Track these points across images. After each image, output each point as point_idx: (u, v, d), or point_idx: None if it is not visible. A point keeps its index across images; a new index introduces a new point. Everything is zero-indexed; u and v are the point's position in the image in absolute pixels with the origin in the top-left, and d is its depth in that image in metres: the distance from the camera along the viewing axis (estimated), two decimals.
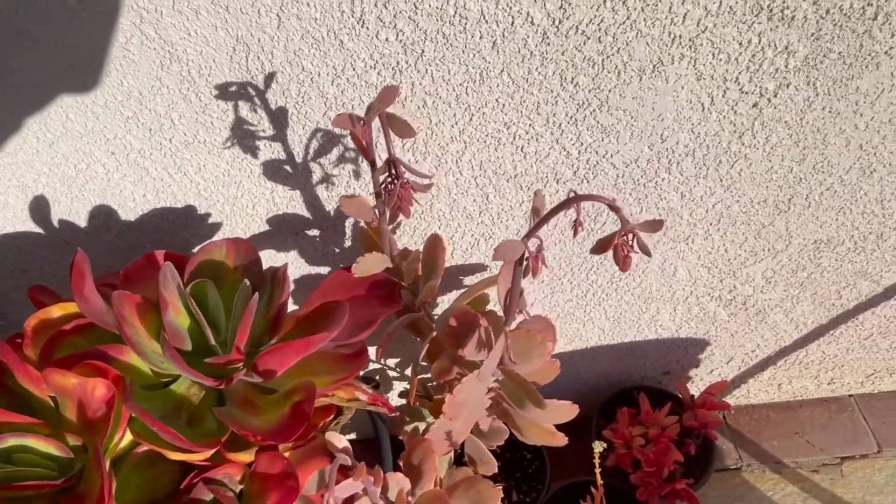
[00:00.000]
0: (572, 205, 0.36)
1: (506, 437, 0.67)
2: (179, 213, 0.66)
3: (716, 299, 0.82)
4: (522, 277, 0.40)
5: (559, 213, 0.37)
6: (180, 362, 0.43)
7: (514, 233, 0.71)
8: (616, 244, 0.36)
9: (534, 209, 0.39)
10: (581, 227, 0.38)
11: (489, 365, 0.49)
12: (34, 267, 0.71)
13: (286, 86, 0.56)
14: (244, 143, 0.60)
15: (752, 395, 1.03)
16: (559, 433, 0.63)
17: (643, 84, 0.57)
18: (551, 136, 0.61)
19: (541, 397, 0.49)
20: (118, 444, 0.44)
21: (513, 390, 0.53)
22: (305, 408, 0.46)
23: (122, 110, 0.57)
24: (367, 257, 0.54)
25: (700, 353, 0.92)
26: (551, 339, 0.58)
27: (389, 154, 0.39)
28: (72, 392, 0.43)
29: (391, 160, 0.39)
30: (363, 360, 0.53)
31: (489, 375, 0.50)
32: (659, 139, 0.62)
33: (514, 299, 0.44)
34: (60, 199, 0.64)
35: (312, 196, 0.66)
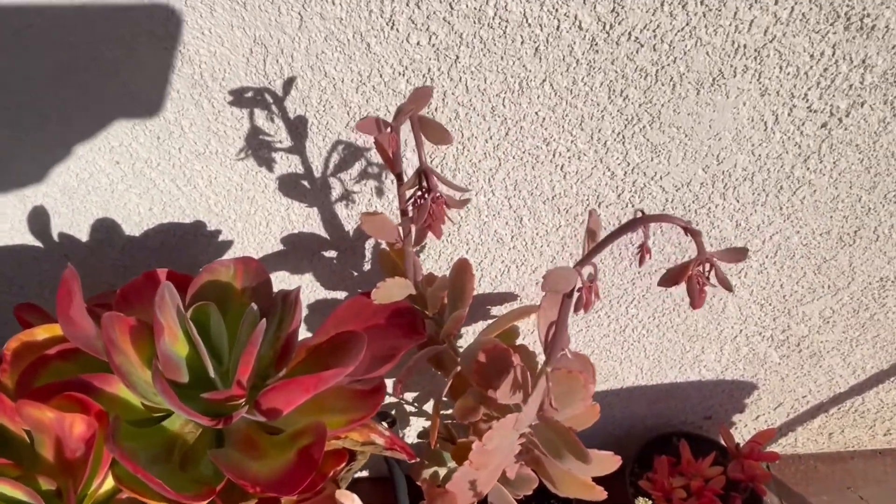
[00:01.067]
0: (638, 227, 0.30)
1: (535, 486, 0.61)
2: (188, 228, 0.61)
3: (767, 339, 0.75)
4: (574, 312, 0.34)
5: (621, 236, 0.32)
6: (172, 397, 0.37)
7: (548, 260, 0.65)
8: (690, 275, 0.30)
9: (588, 231, 0.34)
10: (649, 254, 0.32)
11: (528, 412, 0.42)
12: (33, 282, 0.67)
13: (306, 93, 0.51)
14: (259, 154, 0.56)
15: (800, 444, 0.95)
16: (598, 487, 0.56)
17: (700, 99, 0.51)
18: (595, 155, 0.55)
19: (584, 449, 0.43)
20: (98, 489, 0.38)
21: (549, 438, 0.47)
22: (314, 453, 0.39)
23: (129, 115, 0.53)
24: (388, 282, 0.49)
25: (746, 398, 0.84)
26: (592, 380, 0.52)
27: (421, 163, 0.34)
28: (48, 427, 0.38)
29: (423, 170, 0.34)
30: (380, 399, 0.47)
31: (527, 423, 0.43)
32: (715, 161, 0.56)
33: (560, 336, 0.38)
34: (61, 210, 0.60)
35: (331, 214, 0.60)
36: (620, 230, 0.31)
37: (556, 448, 0.47)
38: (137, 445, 0.40)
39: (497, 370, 0.52)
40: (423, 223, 0.34)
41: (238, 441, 0.44)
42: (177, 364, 0.42)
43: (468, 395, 0.57)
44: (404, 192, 0.43)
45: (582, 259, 0.33)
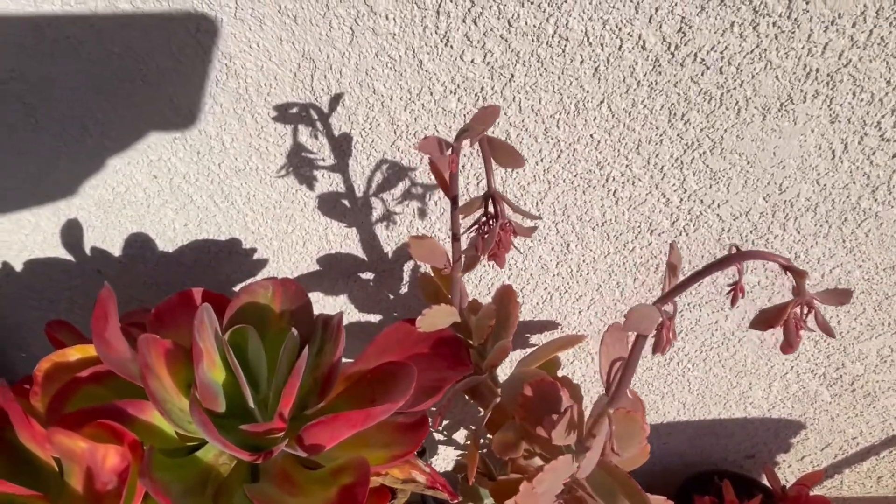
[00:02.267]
0: (733, 263, 0.28)
1: None
2: (223, 246, 0.60)
3: (819, 377, 0.71)
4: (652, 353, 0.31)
5: (712, 273, 0.29)
6: (212, 431, 0.35)
7: (594, 288, 0.62)
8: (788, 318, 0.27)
9: (669, 266, 0.31)
10: (742, 294, 0.29)
11: (591, 457, 0.39)
12: (63, 297, 0.65)
13: (353, 109, 0.49)
14: (300, 172, 0.54)
15: (846, 486, 0.90)
16: None
17: (766, 124, 0.49)
18: (650, 180, 0.53)
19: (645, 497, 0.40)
20: None
21: (605, 483, 0.44)
22: (357, 493, 0.37)
23: (170, 129, 0.51)
24: (433, 310, 0.46)
25: (792, 437, 0.80)
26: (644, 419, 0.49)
27: (490, 188, 0.31)
28: (80, 457, 0.36)
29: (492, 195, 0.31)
30: (424, 433, 0.44)
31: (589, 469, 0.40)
32: (777, 189, 0.53)
33: (628, 376, 0.35)
34: (95, 224, 0.58)
35: (370, 235, 0.58)
36: (713, 266, 0.29)
37: (611, 494, 0.44)
38: (170, 477, 0.37)
39: (545, 406, 0.49)
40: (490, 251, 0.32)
41: (274, 475, 0.42)
42: (215, 393, 0.39)
43: (508, 430, 0.54)
44: (458, 216, 0.40)
45: (663, 296, 0.30)
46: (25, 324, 0.68)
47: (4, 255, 0.61)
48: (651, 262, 0.59)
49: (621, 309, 0.64)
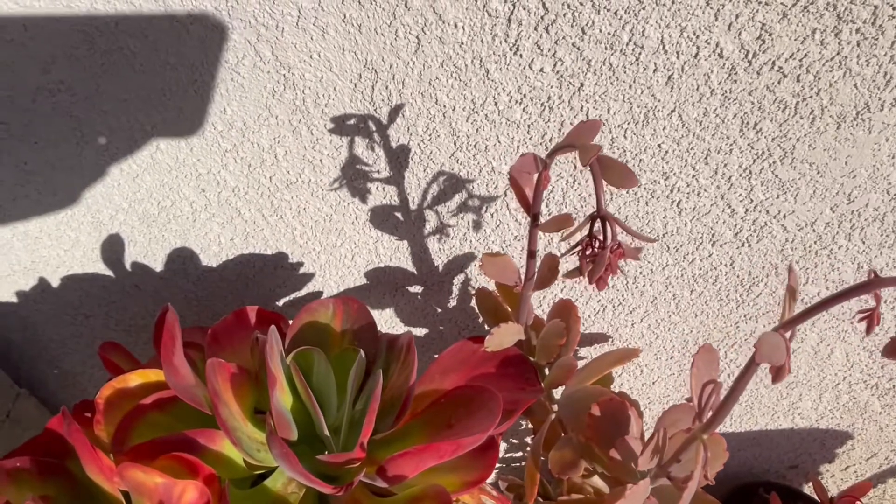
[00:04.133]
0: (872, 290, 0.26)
1: None
2: (268, 260, 0.58)
3: (871, 388, 0.69)
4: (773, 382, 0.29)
5: (845, 300, 0.27)
6: (295, 464, 0.33)
7: (649, 300, 0.60)
8: None
9: (789, 289, 0.29)
10: (878, 322, 0.27)
11: (692, 487, 0.38)
12: (99, 313, 0.63)
13: (413, 121, 0.48)
14: (354, 184, 0.52)
15: (888, 497, 0.88)
16: None
17: (840, 134, 0.47)
18: (717, 191, 0.51)
19: None
20: None
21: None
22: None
23: (221, 142, 0.49)
24: (502, 328, 0.45)
25: (838, 447, 0.79)
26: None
27: (600, 209, 0.30)
28: (152, 492, 0.34)
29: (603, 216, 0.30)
30: (495, 457, 0.43)
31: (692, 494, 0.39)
32: (845, 199, 0.51)
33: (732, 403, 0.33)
34: (137, 238, 0.57)
35: (421, 248, 0.57)
36: (848, 293, 0.27)
37: None
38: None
39: (614, 427, 0.48)
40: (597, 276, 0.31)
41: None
42: (288, 420, 0.38)
43: (564, 446, 0.53)
44: (536, 233, 0.39)
45: (785, 322, 0.29)
46: (60, 339, 0.66)
47: (42, 271, 0.59)
48: (710, 274, 0.57)
49: (675, 321, 0.62)
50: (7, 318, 0.63)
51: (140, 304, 0.62)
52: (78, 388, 0.72)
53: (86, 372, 0.70)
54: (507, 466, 0.83)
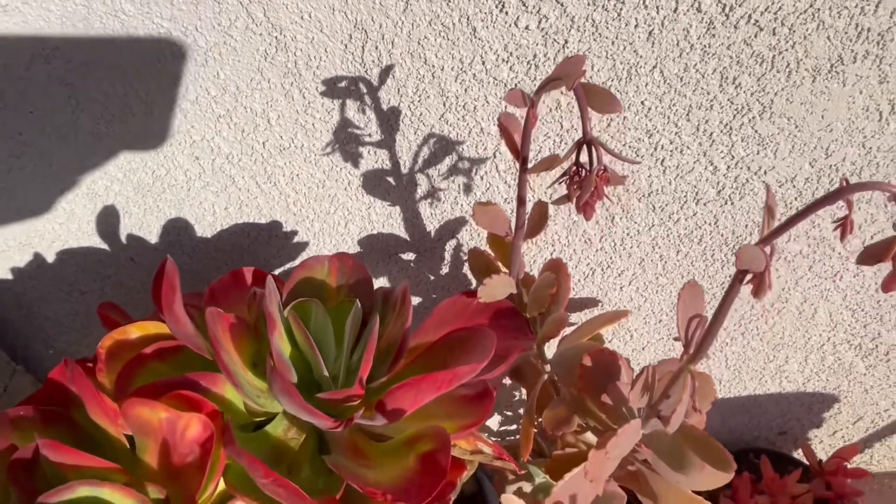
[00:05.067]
0: (843, 196, 0.28)
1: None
2: (263, 229, 0.59)
3: (855, 348, 0.71)
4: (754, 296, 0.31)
5: (819, 209, 0.29)
6: (296, 397, 0.34)
7: (636, 262, 0.62)
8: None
9: (767, 208, 0.31)
10: (851, 229, 0.29)
11: (679, 413, 0.39)
12: (95, 288, 0.64)
13: (403, 81, 0.49)
14: (346, 149, 0.53)
15: (875, 461, 0.90)
16: (705, 502, 0.52)
17: (816, 87, 0.49)
18: (699, 148, 0.53)
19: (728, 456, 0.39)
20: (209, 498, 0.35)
21: (675, 446, 0.43)
22: (440, 459, 0.36)
23: (215, 107, 0.50)
24: (493, 280, 0.46)
25: (825, 411, 0.80)
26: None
27: (585, 133, 0.31)
28: (156, 430, 0.34)
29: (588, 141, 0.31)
30: (490, 403, 0.44)
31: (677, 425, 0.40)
32: (823, 154, 0.53)
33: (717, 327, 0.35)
34: (132, 210, 0.57)
35: (413, 213, 0.58)
36: (821, 202, 0.28)
37: (680, 457, 0.44)
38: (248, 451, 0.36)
39: (605, 375, 0.49)
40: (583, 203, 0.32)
41: (344, 449, 0.41)
42: (287, 364, 0.38)
43: (558, 405, 0.54)
44: (525, 179, 0.40)
45: (764, 237, 0.30)
46: (55, 317, 0.66)
47: (37, 246, 0.60)
48: (695, 234, 0.59)
49: (662, 283, 0.64)
50: (2, 295, 0.64)
51: (136, 277, 0.63)
52: None
53: (80, 352, 0.70)
54: (501, 440, 0.84)
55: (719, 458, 0.39)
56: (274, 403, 0.41)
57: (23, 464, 0.34)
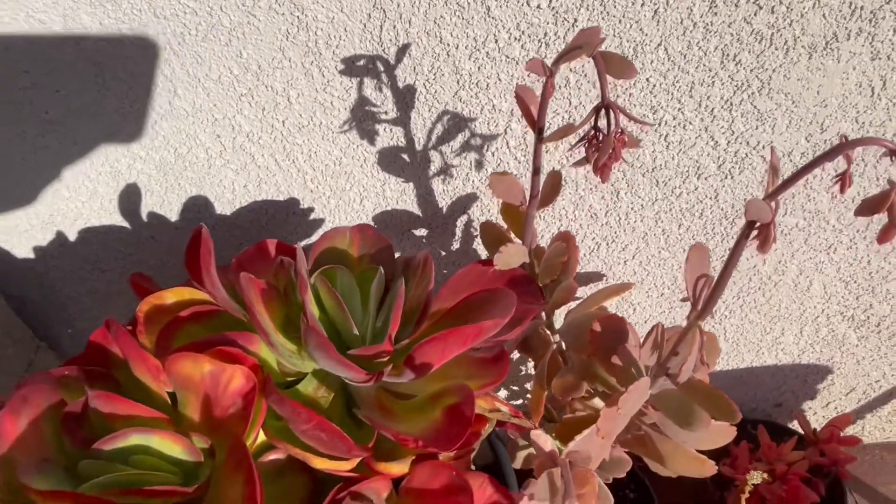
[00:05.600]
0: (842, 152, 0.30)
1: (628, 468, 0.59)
2: (280, 206, 0.61)
3: (848, 319, 0.74)
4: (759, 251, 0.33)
5: (821, 164, 0.31)
6: (331, 350, 0.36)
7: (640, 236, 0.64)
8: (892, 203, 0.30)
9: (771, 167, 0.33)
10: (850, 183, 0.31)
11: (689, 365, 0.41)
12: (115, 266, 0.65)
13: (419, 60, 0.51)
14: (363, 126, 0.55)
15: (867, 432, 0.93)
16: (709, 461, 0.55)
17: (812, 63, 0.52)
18: (701, 123, 0.55)
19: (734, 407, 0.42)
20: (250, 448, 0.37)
21: (682, 403, 0.46)
22: (465, 410, 0.38)
23: (237, 86, 0.52)
24: (509, 247, 0.48)
25: (819, 383, 0.83)
26: None
27: (604, 98, 0.33)
28: (198, 384, 0.36)
29: (606, 105, 0.33)
30: (506, 364, 0.46)
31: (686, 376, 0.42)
32: (818, 129, 0.56)
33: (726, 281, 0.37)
34: (154, 188, 0.59)
35: (426, 190, 0.60)
36: (822, 157, 0.31)
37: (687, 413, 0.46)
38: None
39: (613, 338, 0.51)
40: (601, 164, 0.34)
41: (371, 406, 0.43)
42: (319, 325, 0.41)
43: (567, 374, 0.57)
44: (542, 148, 0.42)
45: (769, 194, 0.33)
46: (76, 296, 0.68)
47: (60, 224, 0.62)
48: (696, 208, 0.61)
49: (665, 257, 0.66)
50: (24, 275, 0.65)
51: (155, 256, 0.65)
52: None
53: None
54: None
55: (726, 409, 0.42)
56: (304, 363, 0.43)
57: (74, 416, 0.36)
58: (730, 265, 0.36)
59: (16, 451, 0.32)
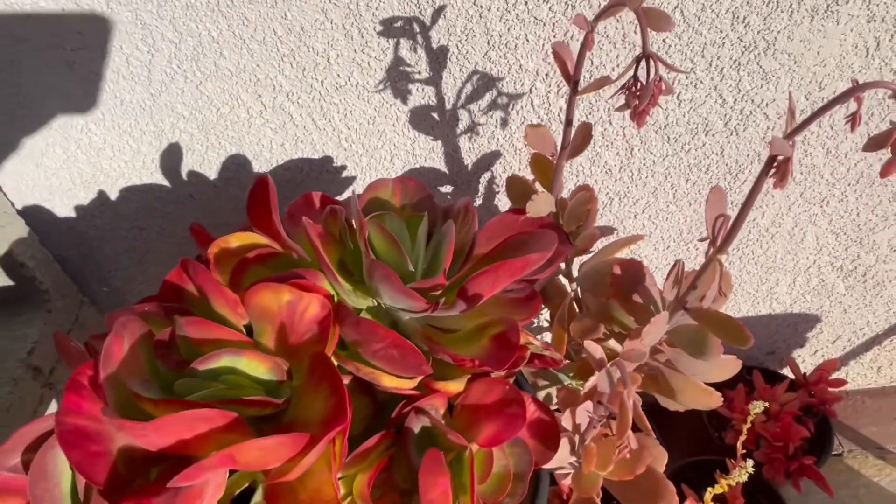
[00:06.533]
0: (854, 94, 0.34)
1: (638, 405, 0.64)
2: (315, 164, 0.64)
3: (837, 269, 0.80)
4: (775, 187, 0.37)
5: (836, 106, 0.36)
6: (396, 281, 0.40)
7: (650, 191, 0.69)
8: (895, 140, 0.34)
9: (789, 111, 0.38)
10: (859, 121, 0.36)
11: (711, 293, 0.46)
12: (153, 225, 0.68)
13: (453, 21, 0.54)
14: (397, 86, 0.58)
15: (850, 378, 1.00)
16: (716, 392, 0.60)
17: (813, 25, 0.56)
18: (710, 82, 0.59)
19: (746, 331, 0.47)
20: None
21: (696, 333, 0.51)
22: (511, 337, 0.43)
23: (280, 47, 0.55)
24: (540, 196, 0.52)
25: (809, 332, 0.90)
26: None
27: (645, 49, 0.37)
28: (274, 314, 0.40)
29: (648, 55, 0.37)
30: (538, 303, 0.50)
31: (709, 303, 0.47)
32: (817, 87, 0.60)
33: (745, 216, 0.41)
34: (195, 147, 0.62)
35: (453, 147, 0.64)
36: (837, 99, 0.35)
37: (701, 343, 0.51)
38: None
39: (632, 280, 0.56)
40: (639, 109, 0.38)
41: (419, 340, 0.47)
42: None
43: (584, 318, 0.61)
44: (576, 101, 0.46)
45: (789, 132, 0.37)
46: (114, 255, 0.71)
47: (102, 184, 0.64)
48: (703, 163, 0.66)
49: (672, 211, 0.71)
50: (64, 235, 0.68)
51: (192, 214, 0.68)
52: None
53: (134, 289, 0.75)
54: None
55: (739, 334, 0.46)
56: (359, 301, 0.47)
57: (163, 344, 0.39)
58: (749, 202, 0.40)
59: (122, 371, 0.36)
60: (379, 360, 0.40)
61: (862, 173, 0.69)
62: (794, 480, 0.78)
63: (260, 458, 0.33)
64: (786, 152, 0.35)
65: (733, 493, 0.72)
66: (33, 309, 0.61)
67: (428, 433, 0.42)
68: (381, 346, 0.39)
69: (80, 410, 0.34)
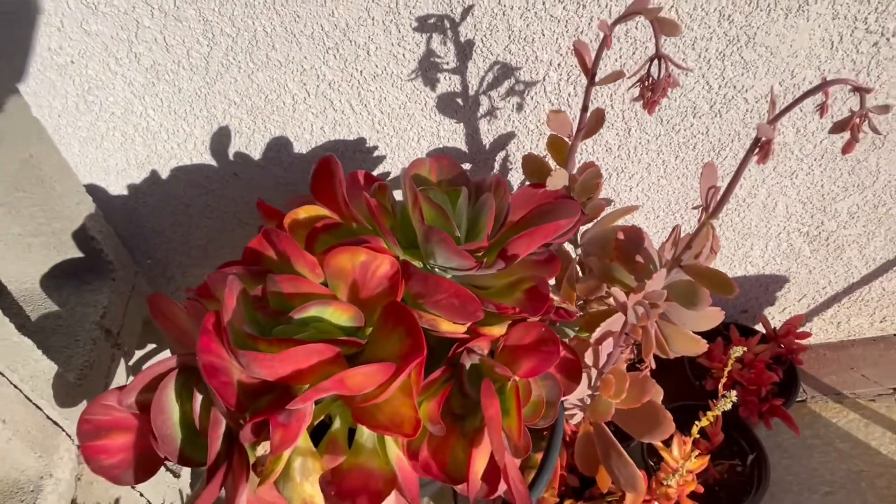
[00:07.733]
0: (823, 89, 0.43)
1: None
2: (349, 145, 0.71)
3: (803, 235, 0.90)
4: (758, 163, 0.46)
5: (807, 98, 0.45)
6: (450, 243, 0.48)
7: (644, 167, 0.78)
8: (853, 124, 0.44)
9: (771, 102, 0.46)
10: (827, 110, 0.45)
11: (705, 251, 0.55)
12: (199, 202, 0.75)
13: (480, 18, 0.62)
14: (427, 75, 0.66)
15: (814, 333, 1.12)
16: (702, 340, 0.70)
17: (787, 22, 0.65)
18: (699, 71, 0.68)
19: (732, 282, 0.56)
20: None
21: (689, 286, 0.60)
22: (542, 289, 0.52)
23: (326, 41, 0.62)
24: (558, 171, 0.61)
25: (778, 291, 1.01)
26: None
27: (658, 50, 0.46)
28: (348, 273, 0.48)
29: (660, 56, 0.46)
30: (558, 264, 0.59)
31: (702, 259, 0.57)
32: (790, 76, 0.70)
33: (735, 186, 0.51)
34: (243, 130, 0.69)
35: (473, 129, 0.71)
36: (810, 92, 0.44)
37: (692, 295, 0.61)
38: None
39: (634, 244, 0.65)
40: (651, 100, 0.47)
41: None
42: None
43: (589, 279, 0.70)
44: (590, 91, 0.55)
45: (771, 119, 0.46)
46: (160, 229, 0.77)
47: (154, 164, 0.71)
48: (691, 142, 0.75)
49: (662, 184, 0.80)
50: (117, 212, 0.74)
51: (235, 191, 0.74)
52: (165, 278, 0.84)
53: (175, 260, 0.82)
54: None
55: (725, 284, 0.56)
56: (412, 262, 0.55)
57: (258, 298, 0.47)
58: (737, 175, 0.49)
59: (234, 319, 0.44)
60: (441, 308, 0.48)
61: (826, 150, 0.79)
62: (766, 420, 0.89)
63: (361, 382, 0.41)
64: (769, 135, 0.44)
65: (714, 429, 0.83)
66: (100, 278, 0.68)
67: (477, 369, 0.51)
68: (444, 297, 0.47)
69: (210, 350, 0.41)
